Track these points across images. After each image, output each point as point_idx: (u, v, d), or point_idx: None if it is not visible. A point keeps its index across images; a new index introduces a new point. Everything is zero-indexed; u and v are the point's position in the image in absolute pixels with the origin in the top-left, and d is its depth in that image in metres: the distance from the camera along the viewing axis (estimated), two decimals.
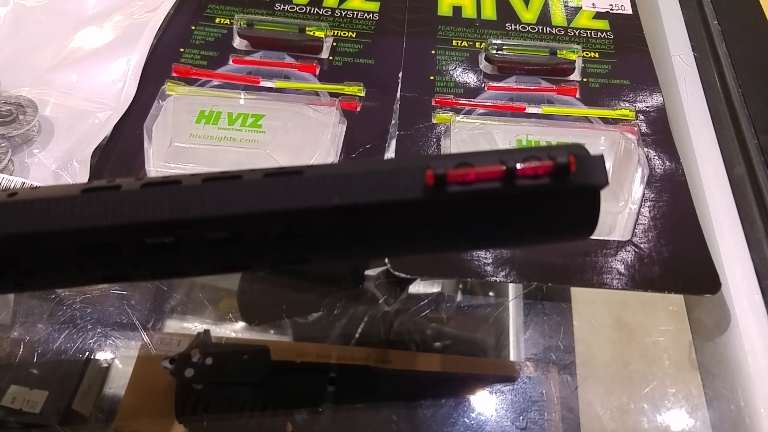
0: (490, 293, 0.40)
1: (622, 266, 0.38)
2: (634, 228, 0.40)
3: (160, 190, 0.22)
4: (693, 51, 0.53)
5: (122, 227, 0.21)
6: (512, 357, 0.38)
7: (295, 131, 0.42)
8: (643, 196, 0.42)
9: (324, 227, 0.22)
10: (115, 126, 0.43)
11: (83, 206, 0.22)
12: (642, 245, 0.39)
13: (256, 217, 0.22)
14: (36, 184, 0.40)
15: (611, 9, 0.55)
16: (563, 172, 0.22)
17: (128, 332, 0.36)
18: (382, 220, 0.22)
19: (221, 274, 0.24)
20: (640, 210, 0.41)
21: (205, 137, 0.40)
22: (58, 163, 0.41)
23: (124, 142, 0.43)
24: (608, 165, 0.42)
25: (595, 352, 0.39)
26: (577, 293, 0.40)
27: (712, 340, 0.39)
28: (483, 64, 0.49)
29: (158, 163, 0.40)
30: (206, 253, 0.23)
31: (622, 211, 0.41)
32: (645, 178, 0.43)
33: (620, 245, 0.39)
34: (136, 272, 0.23)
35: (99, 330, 0.36)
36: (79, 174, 0.41)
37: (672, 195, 0.42)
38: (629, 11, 0.55)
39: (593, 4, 0.55)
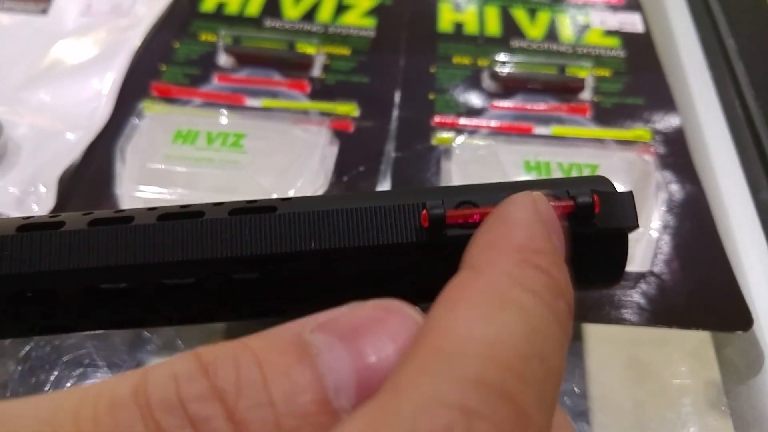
0: None
1: (643, 300, 0.35)
2: (655, 257, 0.37)
3: (109, 229, 0.18)
4: (709, 70, 0.49)
5: (63, 273, 0.18)
6: None
7: (280, 152, 0.38)
8: (663, 223, 0.38)
9: (299, 273, 0.19)
10: (88, 147, 0.40)
11: (17, 247, 0.18)
12: (664, 276, 0.36)
13: (219, 262, 0.18)
14: None
15: (622, 27, 0.52)
16: (586, 214, 0.18)
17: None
18: (367, 265, 0.19)
19: (181, 325, 0.21)
20: (660, 238, 0.37)
21: (182, 158, 0.37)
22: (22, 186, 0.38)
23: (96, 164, 0.39)
24: (625, 187, 0.38)
25: (612, 395, 0.35)
26: (590, 329, 0.36)
27: (745, 383, 0.35)
28: (486, 82, 0.46)
29: (131, 186, 0.37)
30: (162, 301, 0.19)
31: (641, 239, 0.37)
32: (665, 204, 0.39)
33: (640, 276, 0.36)
34: (82, 323, 0.20)
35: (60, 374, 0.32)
36: (45, 199, 0.37)
37: (694, 221, 0.39)
38: (641, 29, 0.52)
39: (602, 21, 0.52)
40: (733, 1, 0.54)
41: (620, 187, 0.21)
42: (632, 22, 0.52)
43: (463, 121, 0.43)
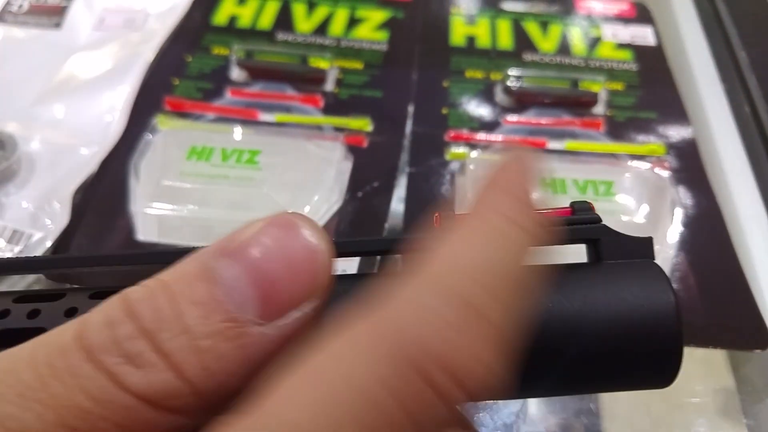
0: None
1: None
2: (671, 275, 0.36)
3: None
4: (721, 82, 0.49)
5: None
6: (538, 419, 0.34)
7: (295, 168, 0.38)
8: (679, 239, 0.38)
9: None
10: (101, 163, 0.40)
11: None
12: (680, 294, 0.35)
13: None
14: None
15: (633, 40, 0.51)
16: (585, 212, 0.19)
17: None
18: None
19: None
20: (676, 254, 0.37)
21: (196, 175, 0.37)
22: (36, 202, 0.38)
23: (109, 180, 0.39)
24: (641, 204, 0.38)
25: (628, 414, 0.35)
26: None
27: (763, 402, 0.35)
28: (500, 96, 0.46)
29: (144, 203, 0.37)
30: None
31: (657, 257, 0.37)
32: (680, 220, 0.39)
33: None
34: None
35: None
36: (58, 215, 0.37)
37: (709, 237, 0.38)
38: (652, 42, 0.51)
39: (614, 34, 0.52)
40: (745, 13, 0.54)
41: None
42: (644, 35, 0.52)
43: (476, 135, 0.43)
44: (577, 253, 0.19)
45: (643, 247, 0.18)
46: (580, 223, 0.18)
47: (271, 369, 0.13)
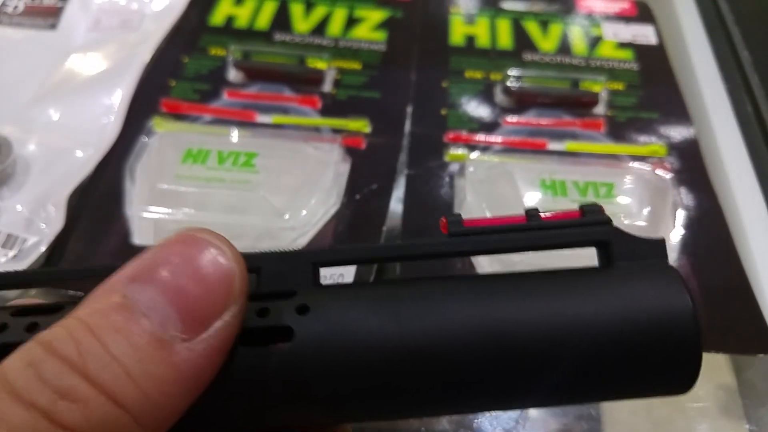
0: None
1: None
2: None
3: None
4: (724, 82, 0.49)
5: None
6: (538, 424, 0.34)
7: (293, 171, 0.38)
8: (681, 242, 0.38)
9: None
10: (97, 165, 0.40)
11: None
12: None
13: None
14: None
15: (635, 39, 0.51)
16: (596, 213, 0.19)
17: None
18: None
19: None
20: (678, 257, 0.37)
21: (192, 178, 0.36)
22: (31, 206, 0.37)
23: (105, 183, 0.39)
24: (642, 206, 0.38)
25: (630, 419, 0.34)
26: None
27: (766, 406, 0.35)
28: (499, 97, 0.45)
29: (140, 207, 0.36)
30: None
31: None
32: (682, 222, 0.38)
33: None
34: None
35: None
36: (53, 219, 0.37)
37: (711, 240, 0.38)
38: (654, 42, 0.51)
39: (615, 33, 0.51)
40: (748, 12, 0.53)
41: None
42: (645, 34, 0.52)
43: (476, 136, 0.42)
44: (588, 257, 0.19)
45: (656, 248, 0.18)
46: (590, 225, 0.18)
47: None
